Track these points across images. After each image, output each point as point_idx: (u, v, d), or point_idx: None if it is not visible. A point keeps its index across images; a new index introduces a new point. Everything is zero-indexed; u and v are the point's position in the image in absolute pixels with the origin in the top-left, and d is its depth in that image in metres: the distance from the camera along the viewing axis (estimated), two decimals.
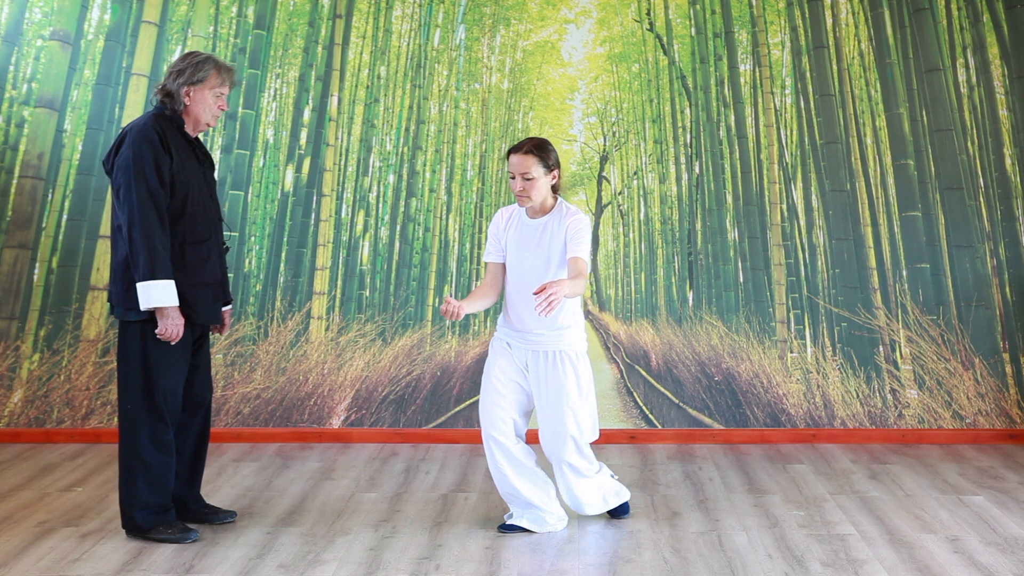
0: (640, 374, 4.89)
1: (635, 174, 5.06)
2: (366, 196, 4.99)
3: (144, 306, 3.12)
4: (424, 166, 5.04)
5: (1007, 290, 4.80)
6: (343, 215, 4.96)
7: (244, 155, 4.95)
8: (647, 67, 5.08)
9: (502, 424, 3.30)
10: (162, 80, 3.32)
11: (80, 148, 4.88)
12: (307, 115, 5.00)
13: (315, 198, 4.95)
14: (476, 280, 4.97)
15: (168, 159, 3.17)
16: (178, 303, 3.17)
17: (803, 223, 4.92)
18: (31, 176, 4.85)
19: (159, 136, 3.17)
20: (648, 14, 5.08)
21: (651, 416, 4.83)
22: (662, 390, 4.86)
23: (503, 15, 5.10)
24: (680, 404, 4.84)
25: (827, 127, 4.96)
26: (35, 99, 4.88)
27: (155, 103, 3.31)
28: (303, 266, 4.91)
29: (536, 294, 2.85)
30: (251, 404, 4.78)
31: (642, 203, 5.03)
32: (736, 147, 5.00)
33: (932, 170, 4.88)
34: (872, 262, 4.86)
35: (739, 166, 4.99)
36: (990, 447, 4.62)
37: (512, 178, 3.19)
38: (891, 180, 4.90)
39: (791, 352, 4.83)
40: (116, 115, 4.90)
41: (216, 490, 3.90)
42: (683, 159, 5.02)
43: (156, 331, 3.17)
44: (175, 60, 3.33)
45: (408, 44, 5.08)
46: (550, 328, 3.24)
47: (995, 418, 4.72)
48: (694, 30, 5.06)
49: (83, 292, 4.80)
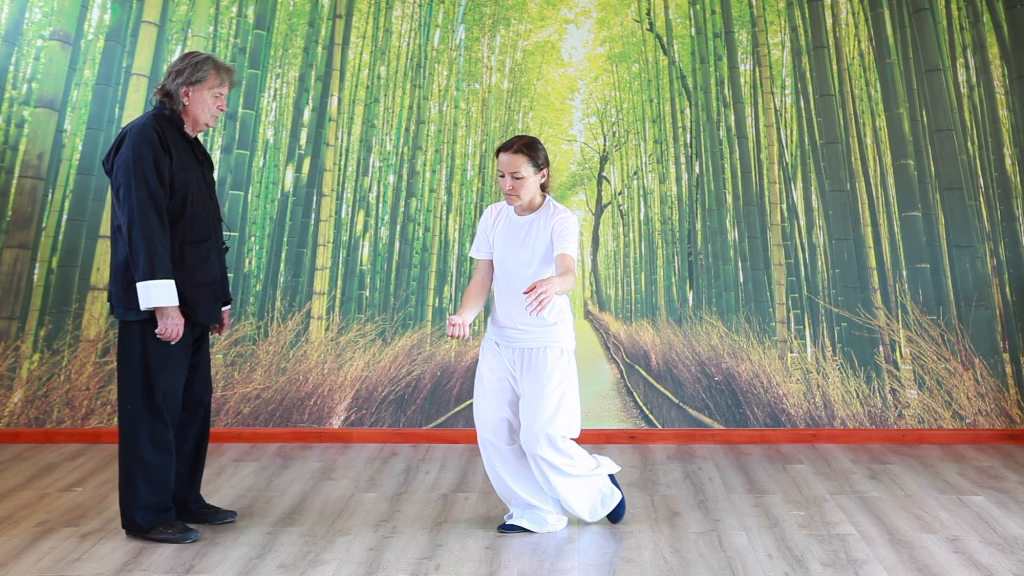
0: (640, 374, 4.89)
1: (635, 174, 5.06)
2: (366, 196, 4.99)
3: (144, 306, 3.12)
4: (424, 166, 5.04)
5: (1007, 290, 4.80)
6: (343, 215, 4.96)
7: (244, 155, 4.95)
8: (647, 67, 5.08)
9: (495, 426, 3.29)
10: (162, 80, 3.32)
11: (80, 148, 4.88)
12: (307, 115, 5.00)
13: (315, 198, 4.95)
14: None
15: (168, 159, 3.17)
16: (178, 303, 3.18)
17: (803, 223, 4.92)
18: (31, 176, 4.85)
19: (159, 136, 3.17)
20: (648, 14, 5.08)
21: (651, 416, 4.83)
22: (662, 390, 4.86)
23: (503, 15, 5.09)
24: (680, 404, 4.84)
25: (827, 127, 4.96)
26: (35, 99, 4.88)
27: (154, 103, 3.32)
28: (303, 266, 4.91)
29: (526, 293, 2.84)
30: (251, 404, 4.78)
31: (642, 203, 5.03)
32: (736, 147, 5.00)
33: (932, 170, 4.88)
34: (872, 262, 4.86)
35: (739, 166, 4.99)
36: (990, 447, 4.62)
37: (501, 176, 3.17)
38: (891, 180, 4.90)
39: (791, 352, 4.83)
40: (116, 115, 4.90)
41: (216, 490, 3.90)
42: (683, 159, 5.02)
43: (156, 331, 3.17)
44: (174, 60, 3.33)
45: (408, 44, 5.08)
46: (537, 324, 3.21)
47: (995, 418, 4.72)
48: (694, 30, 5.06)
49: (83, 292, 4.80)
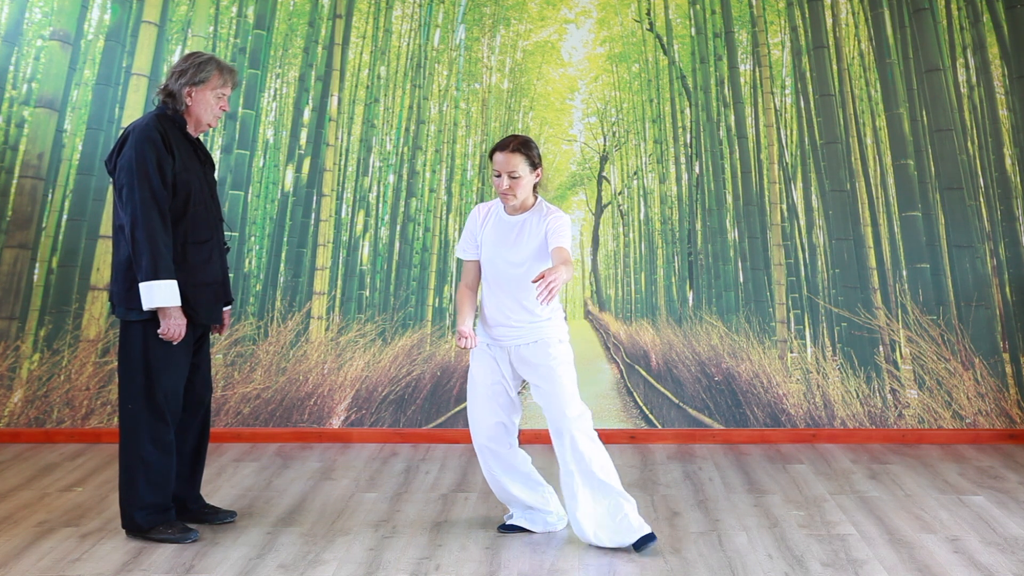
0: (640, 374, 4.89)
1: (635, 174, 5.06)
2: (366, 196, 4.99)
3: (147, 306, 3.12)
4: (424, 166, 5.03)
5: (1007, 290, 4.80)
6: (343, 215, 4.96)
7: (244, 155, 4.95)
8: (647, 67, 5.08)
9: (491, 431, 3.25)
10: (164, 80, 3.32)
11: (80, 148, 4.88)
12: (307, 115, 5.00)
13: (315, 198, 4.95)
14: None
15: (170, 159, 3.18)
16: (180, 303, 3.18)
17: (803, 223, 4.92)
18: (31, 176, 4.85)
19: (161, 136, 3.17)
20: (648, 14, 5.08)
21: (651, 416, 4.83)
22: (662, 390, 4.86)
23: (503, 15, 5.09)
24: (680, 404, 4.84)
25: (827, 127, 4.96)
26: (35, 99, 4.88)
27: (157, 103, 3.32)
28: (303, 266, 4.91)
29: (535, 282, 2.83)
30: (251, 404, 4.78)
31: (642, 203, 5.03)
32: (736, 147, 5.00)
33: (932, 170, 4.88)
34: (872, 262, 4.86)
35: (739, 166, 4.99)
36: (990, 447, 4.62)
37: (497, 176, 3.15)
38: (891, 180, 4.90)
39: (791, 352, 4.83)
40: (116, 115, 4.90)
41: (216, 490, 3.90)
42: (683, 159, 5.02)
43: (159, 331, 3.17)
44: (178, 60, 3.33)
45: (408, 44, 5.08)
46: (531, 320, 3.19)
47: (995, 418, 4.72)
48: (694, 30, 5.05)
49: (83, 292, 4.80)
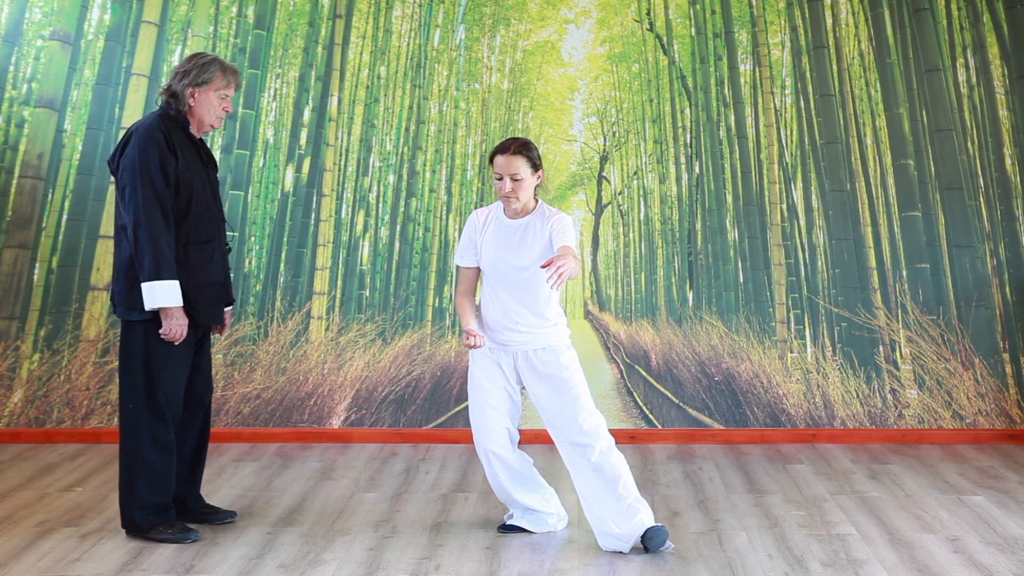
0: (640, 374, 4.89)
1: (635, 174, 5.06)
2: (366, 196, 4.99)
3: (149, 306, 3.12)
4: (424, 166, 5.03)
5: (1007, 290, 4.80)
6: (343, 215, 4.96)
7: (244, 155, 4.95)
8: (647, 67, 5.08)
9: (497, 437, 3.23)
10: (168, 81, 3.32)
11: (80, 148, 4.88)
12: (307, 115, 5.00)
13: (315, 198, 4.95)
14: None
15: (173, 160, 3.18)
16: (182, 303, 3.18)
17: (803, 223, 4.92)
18: (31, 176, 4.85)
19: (164, 137, 3.17)
20: (648, 14, 5.08)
21: (651, 416, 4.83)
22: (662, 390, 4.86)
23: (503, 15, 5.09)
24: (680, 404, 4.84)
25: (827, 127, 4.96)
26: (35, 99, 4.88)
27: (160, 103, 3.32)
28: (303, 266, 4.91)
29: (544, 267, 2.81)
30: (251, 404, 4.78)
31: (642, 203, 5.03)
32: (736, 147, 5.00)
33: (932, 170, 4.88)
34: (872, 262, 4.86)
35: (739, 166, 4.99)
36: (990, 447, 4.62)
37: (499, 179, 3.11)
38: (891, 180, 4.90)
39: (791, 352, 4.83)
40: (116, 115, 4.90)
41: (216, 490, 3.90)
42: (683, 159, 5.02)
43: (160, 331, 3.17)
44: (181, 61, 3.33)
45: (408, 44, 5.08)
46: (538, 325, 3.18)
47: (995, 418, 4.72)
48: (694, 30, 5.05)
49: (83, 292, 4.80)
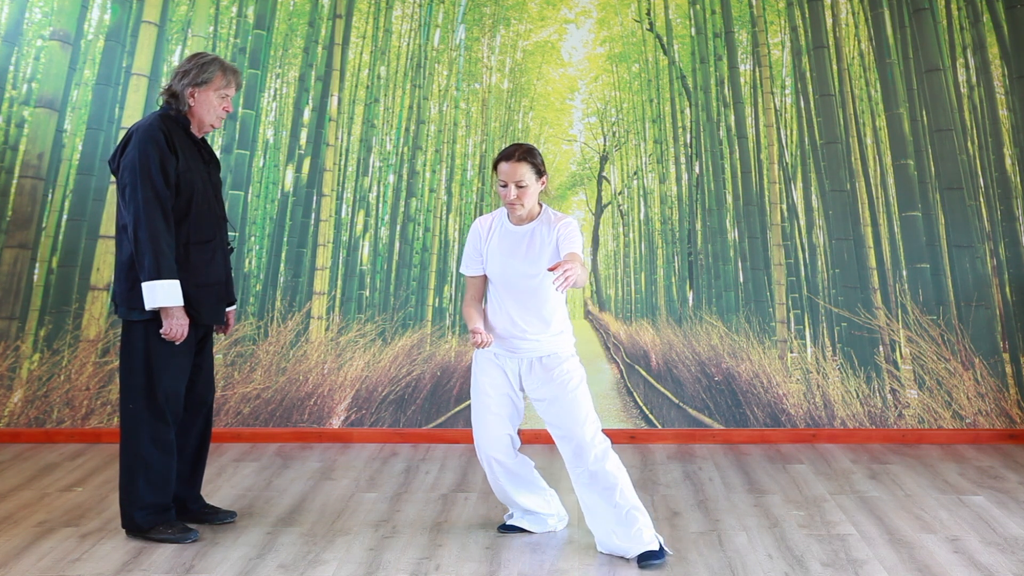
0: (640, 374, 4.89)
1: (635, 174, 5.06)
2: (366, 196, 4.99)
3: (149, 306, 3.12)
4: (424, 166, 5.03)
5: (1007, 290, 4.80)
6: (343, 215, 4.96)
7: (244, 155, 4.95)
8: (647, 67, 5.08)
9: (500, 444, 3.21)
10: (168, 81, 3.32)
11: (80, 148, 4.88)
12: (307, 115, 5.00)
13: (315, 198, 4.95)
14: None
15: (174, 159, 3.18)
16: (183, 303, 3.18)
17: (803, 223, 4.92)
18: (31, 176, 4.85)
19: (165, 136, 3.17)
20: (648, 14, 5.08)
21: (651, 416, 4.82)
22: (662, 390, 4.86)
23: (503, 15, 5.09)
24: (680, 404, 4.84)
25: (827, 127, 4.96)
26: (35, 99, 4.88)
27: (161, 104, 3.32)
28: (303, 266, 4.91)
29: (551, 270, 2.79)
30: (251, 404, 4.78)
31: (642, 203, 5.03)
32: (736, 147, 5.00)
33: (932, 170, 4.88)
34: (872, 262, 4.86)
35: (739, 166, 4.99)
36: (990, 447, 4.62)
37: (503, 186, 3.08)
38: (891, 180, 4.90)
39: (791, 352, 4.83)
40: (116, 115, 4.90)
41: (216, 490, 3.90)
42: (683, 159, 5.02)
43: (161, 331, 3.17)
44: (181, 61, 3.33)
45: (408, 44, 5.08)
46: (546, 332, 3.16)
47: (995, 418, 4.72)
48: (694, 30, 5.05)
49: (83, 292, 4.80)
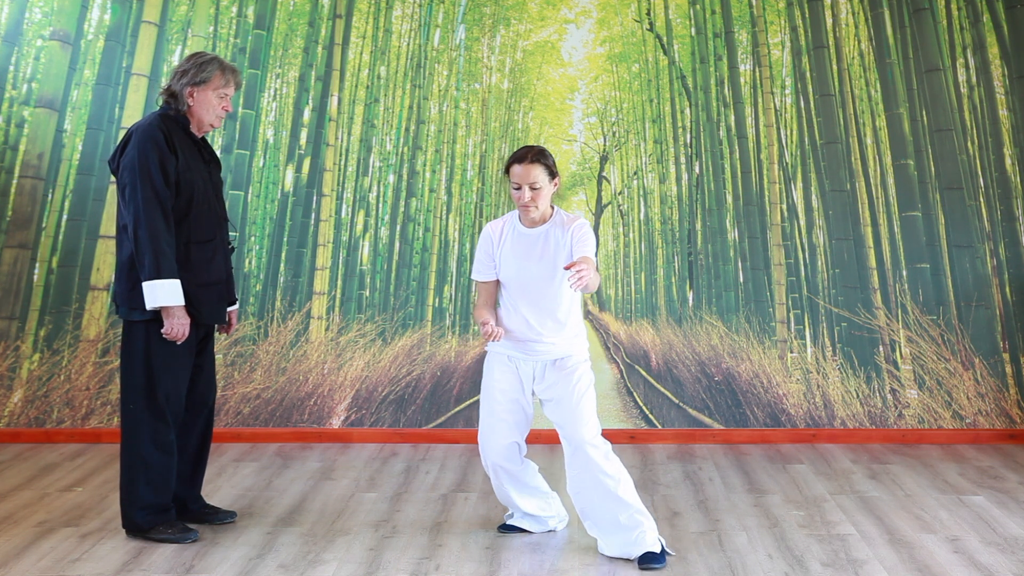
0: (640, 374, 4.89)
1: (635, 174, 5.06)
2: (366, 196, 4.99)
3: (150, 305, 3.12)
4: (424, 166, 5.03)
5: (1007, 290, 4.80)
6: (343, 215, 4.96)
7: (244, 155, 4.95)
8: (647, 67, 5.08)
9: (506, 452, 3.20)
10: (167, 80, 3.32)
11: (80, 148, 4.88)
12: (307, 115, 5.00)
13: (315, 198, 4.95)
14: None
15: (173, 159, 3.18)
16: (184, 302, 3.17)
17: (803, 223, 4.92)
18: (31, 176, 4.85)
19: (164, 136, 3.17)
20: (648, 14, 5.08)
21: (651, 416, 4.82)
22: (662, 390, 4.86)
23: (503, 15, 5.09)
24: (680, 404, 4.84)
25: (827, 127, 4.96)
26: (35, 99, 4.88)
27: (160, 103, 3.32)
28: (303, 266, 4.91)
29: (567, 268, 2.81)
30: (251, 404, 4.78)
31: (642, 203, 5.03)
32: (736, 147, 5.00)
33: (932, 170, 4.88)
34: (872, 262, 4.86)
35: (739, 166, 4.99)
36: (990, 447, 4.62)
37: (517, 189, 3.08)
38: (891, 180, 4.90)
39: (791, 352, 4.83)
40: (116, 115, 4.90)
41: (216, 490, 3.90)
42: (683, 159, 5.02)
43: (162, 331, 3.17)
44: (181, 60, 3.33)
45: (408, 44, 5.08)
46: (562, 335, 3.16)
47: (995, 418, 4.72)
48: (694, 30, 5.05)
49: (83, 292, 4.80)
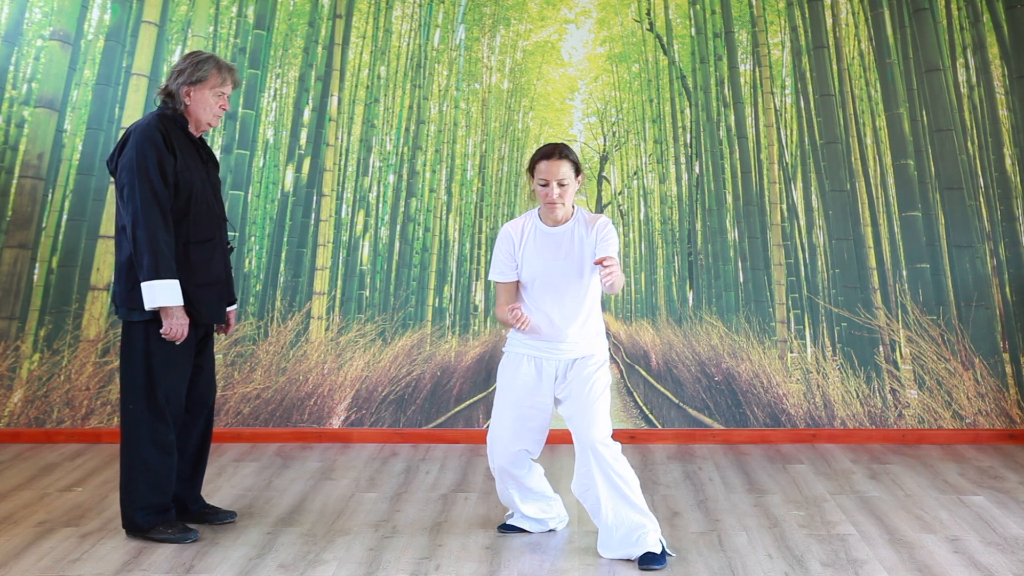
0: (640, 374, 4.89)
1: (635, 174, 5.06)
2: (366, 196, 4.99)
3: (149, 305, 3.12)
4: (424, 166, 5.03)
5: (1007, 290, 4.80)
6: (343, 215, 4.96)
7: (244, 155, 4.95)
8: (647, 67, 5.08)
9: (514, 457, 3.19)
10: (164, 80, 3.32)
11: (80, 148, 4.88)
12: (307, 115, 5.00)
13: (315, 198, 4.95)
14: (476, 280, 4.96)
15: (171, 159, 3.17)
16: (183, 303, 3.17)
17: (803, 223, 4.92)
18: (31, 176, 4.85)
19: (163, 136, 3.17)
20: (648, 14, 5.08)
21: (651, 416, 4.83)
22: (662, 390, 4.86)
23: (503, 15, 5.09)
24: (680, 404, 4.84)
25: (827, 127, 4.96)
26: (35, 99, 4.88)
27: (158, 103, 3.32)
28: (303, 266, 4.91)
29: (597, 263, 2.87)
30: (251, 404, 4.78)
31: (642, 203, 5.03)
32: (736, 147, 5.00)
33: (932, 170, 4.88)
34: (872, 262, 4.86)
35: (739, 166, 4.99)
36: (990, 447, 4.62)
37: (544, 185, 3.07)
38: (891, 180, 4.90)
39: (791, 352, 4.83)
40: (116, 115, 4.90)
41: (216, 490, 3.90)
42: (683, 159, 5.02)
43: (161, 331, 3.17)
44: (178, 60, 3.33)
45: (408, 44, 5.08)
46: (587, 335, 3.16)
47: (995, 418, 4.72)
48: (694, 30, 5.06)
49: (83, 292, 4.80)
